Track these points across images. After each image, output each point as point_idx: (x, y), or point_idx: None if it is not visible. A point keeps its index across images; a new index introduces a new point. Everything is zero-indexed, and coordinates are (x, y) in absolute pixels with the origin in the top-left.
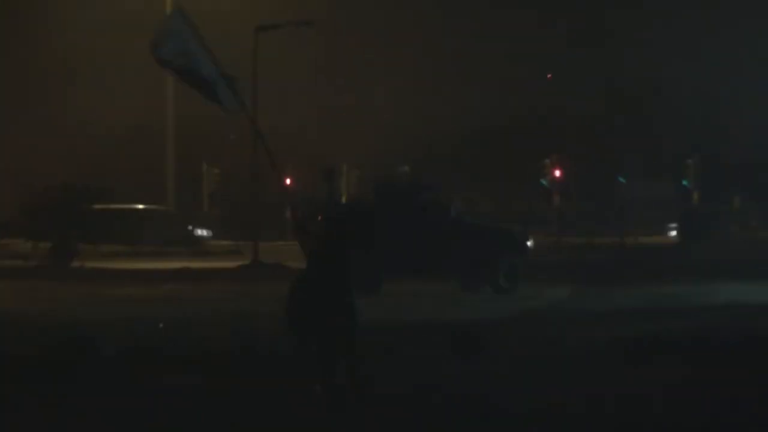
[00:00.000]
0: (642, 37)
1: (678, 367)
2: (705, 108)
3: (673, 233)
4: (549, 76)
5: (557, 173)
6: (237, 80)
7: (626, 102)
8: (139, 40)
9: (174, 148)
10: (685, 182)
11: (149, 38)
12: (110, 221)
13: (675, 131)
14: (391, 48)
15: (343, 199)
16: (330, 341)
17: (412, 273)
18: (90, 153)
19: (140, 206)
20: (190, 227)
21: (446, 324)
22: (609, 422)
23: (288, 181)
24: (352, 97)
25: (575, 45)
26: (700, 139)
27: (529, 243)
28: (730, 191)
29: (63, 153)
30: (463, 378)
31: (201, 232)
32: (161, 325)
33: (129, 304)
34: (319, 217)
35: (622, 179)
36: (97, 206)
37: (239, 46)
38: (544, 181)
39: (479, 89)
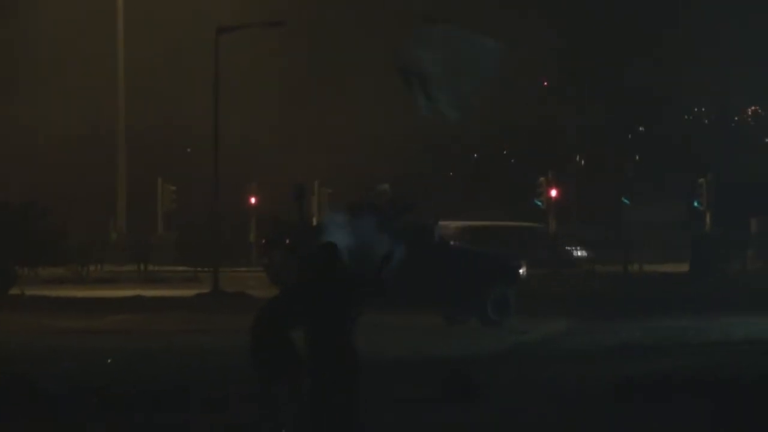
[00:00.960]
0: (652, 45)
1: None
2: (721, 121)
3: None
4: (545, 83)
5: (553, 193)
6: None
7: (632, 115)
8: (87, 49)
9: (125, 163)
10: (696, 203)
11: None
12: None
13: (687, 148)
14: (369, 54)
15: (314, 220)
16: (321, 386)
17: (390, 303)
18: (33, 167)
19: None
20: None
21: (427, 362)
22: None
23: (253, 200)
24: (326, 109)
25: (576, 53)
26: (715, 156)
27: (521, 270)
28: (747, 213)
29: (2, 168)
30: (451, 427)
31: None
32: (109, 361)
33: (74, 336)
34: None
35: (626, 200)
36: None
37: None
38: (539, 202)
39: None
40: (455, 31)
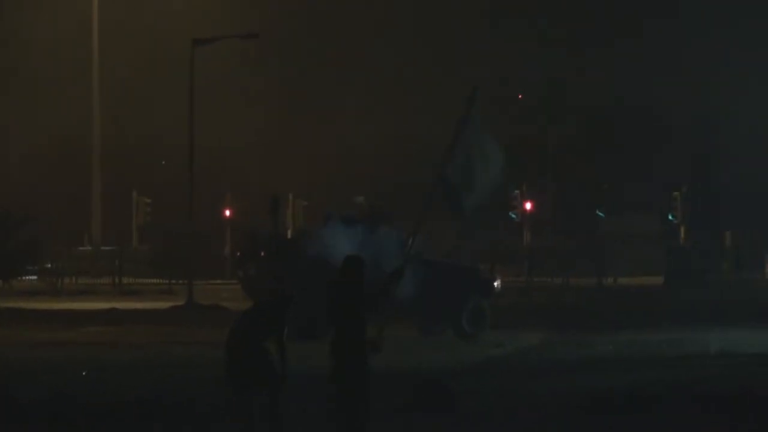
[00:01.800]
0: (631, 59)
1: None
2: (698, 134)
3: None
4: (520, 96)
5: (528, 206)
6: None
7: (609, 128)
8: (63, 62)
9: (100, 174)
10: (671, 216)
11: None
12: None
13: (665, 160)
14: (346, 69)
15: (289, 232)
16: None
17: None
18: (6, 178)
19: None
20: None
21: (401, 374)
22: None
23: (228, 212)
24: (302, 122)
25: (555, 68)
26: (691, 168)
27: (496, 283)
28: (722, 225)
29: None
30: None
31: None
32: (84, 373)
33: (50, 348)
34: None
35: (601, 213)
36: None
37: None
38: (513, 215)
39: (442, 112)
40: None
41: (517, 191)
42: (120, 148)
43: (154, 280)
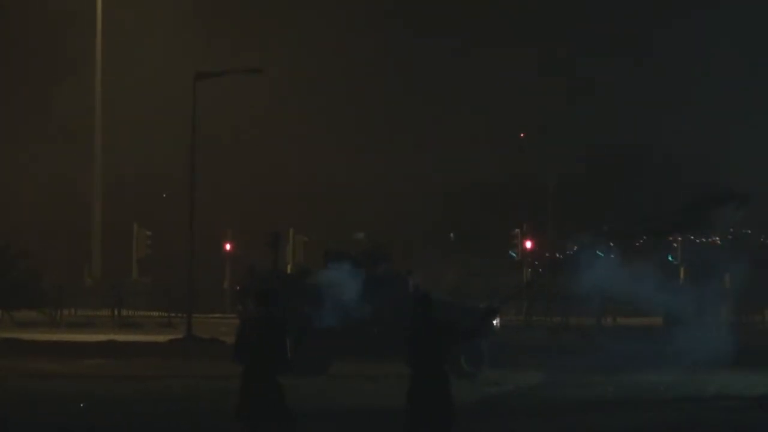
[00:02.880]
0: (631, 99)
1: None
2: (698, 172)
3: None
4: (522, 135)
5: (528, 244)
6: None
7: (609, 168)
8: (64, 92)
9: (101, 207)
10: (670, 257)
11: None
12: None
13: (662, 199)
14: (348, 106)
15: (288, 268)
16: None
17: (363, 352)
18: (8, 210)
19: None
20: None
21: (393, 411)
22: None
23: (228, 247)
24: (303, 157)
25: (555, 107)
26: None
27: (495, 322)
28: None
29: None
30: None
31: None
32: (82, 405)
33: (47, 380)
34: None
35: (600, 253)
36: None
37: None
38: (513, 253)
39: (444, 151)
40: None
41: (517, 230)
42: (122, 182)
43: (154, 313)
